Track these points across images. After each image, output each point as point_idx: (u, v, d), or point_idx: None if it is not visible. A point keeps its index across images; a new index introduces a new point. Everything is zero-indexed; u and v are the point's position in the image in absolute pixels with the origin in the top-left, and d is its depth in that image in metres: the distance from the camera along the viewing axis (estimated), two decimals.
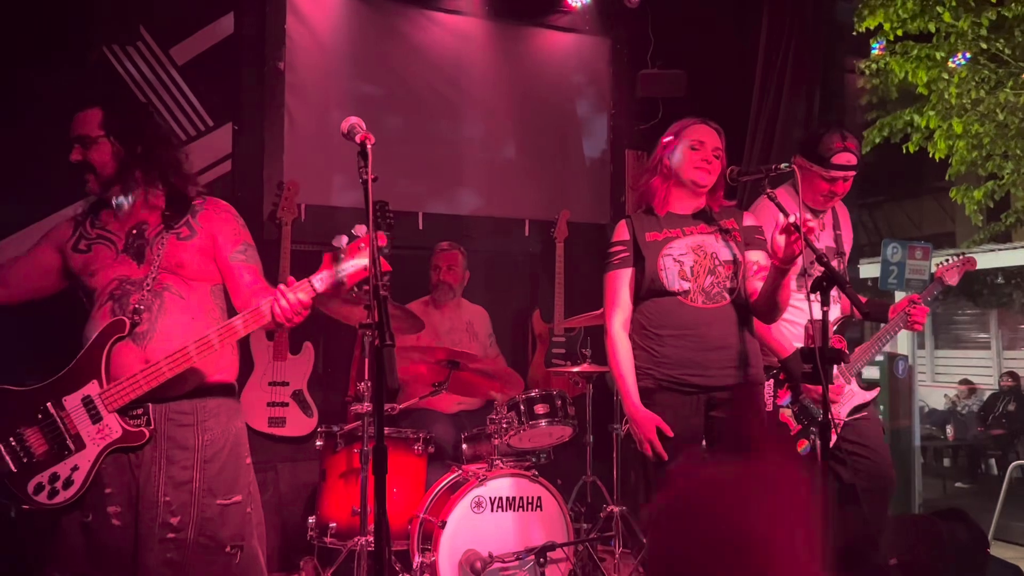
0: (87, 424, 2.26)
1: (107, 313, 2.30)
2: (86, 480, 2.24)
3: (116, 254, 2.36)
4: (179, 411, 2.33)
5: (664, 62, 5.20)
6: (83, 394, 2.27)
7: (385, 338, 1.74)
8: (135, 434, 2.28)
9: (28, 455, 2.23)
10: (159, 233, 2.37)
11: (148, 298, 2.31)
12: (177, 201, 2.41)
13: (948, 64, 5.87)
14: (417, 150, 4.79)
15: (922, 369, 11.06)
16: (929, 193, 11.56)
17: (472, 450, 3.75)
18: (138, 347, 2.29)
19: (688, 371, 2.66)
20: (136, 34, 4.11)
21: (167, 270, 2.35)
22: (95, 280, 2.34)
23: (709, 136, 2.75)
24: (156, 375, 2.23)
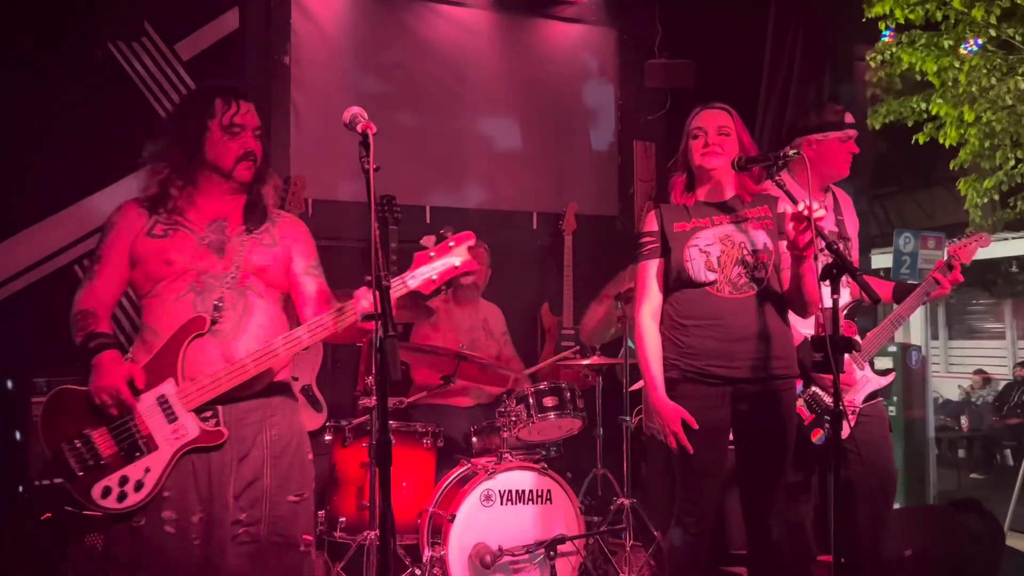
0: (161, 424, 2.17)
1: (188, 306, 2.21)
2: (158, 483, 2.15)
3: (196, 244, 2.28)
4: (247, 409, 2.26)
5: (671, 52, 5.17)
6: (158, 393, 2.18)
7: (388, 329, 1.73)
8: (212, 434, 2.20)
9: (95, 458, 2.13)
10: (241, 234, 2.32)
11: (232, 296, 2.25)
12: (257, 207, 2.36)
13: (960, 51, 5.81)
14: (424, 143, 4.78)
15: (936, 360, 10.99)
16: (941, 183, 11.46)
17: (481, 443, 3.74)
18: (220, 345, 2.21)
19: (713, 362, 2.62)
20: (141, 30, 4.12)
21: (249, 272, 2.29)
22: (171, 268, 2.24)
23: (710, 119, 2.70)
24: (240, 373, 2.17)
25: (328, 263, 2.49)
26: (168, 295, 2.23)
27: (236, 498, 2.20)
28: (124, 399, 2.12)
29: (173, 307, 2.22)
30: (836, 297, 2.35)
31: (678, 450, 2.61)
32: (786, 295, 2.65)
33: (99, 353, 2.16)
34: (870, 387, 3.04)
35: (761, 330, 2.62)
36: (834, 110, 3.06)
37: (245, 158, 2.29)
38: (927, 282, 3.05)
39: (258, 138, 2.33)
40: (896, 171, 10.44)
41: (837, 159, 3.04)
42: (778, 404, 2.65)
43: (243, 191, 2.36)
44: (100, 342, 2.19)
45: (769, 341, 2.62)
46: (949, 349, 11.65)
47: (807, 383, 2.98)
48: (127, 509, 2.14)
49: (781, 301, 2.68)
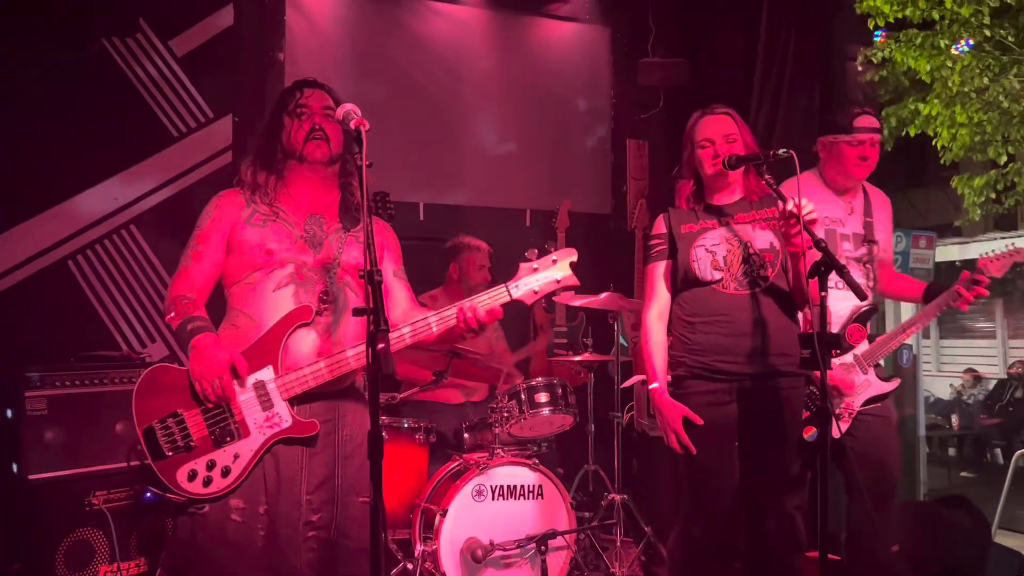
0: (256, 411, 2.16)
1: (289, 296, 2.21)
2: (245, 471, 2.13)
3: (295, 237, 2.29)
4: (323, 407, 2.24)
5: (665, 51, 5.18)
6: (257, 378, 2.17)
7: (379, 324, 1.74)
8: (306, 425, 2.18)
9: (185, 439, 2.13)
10: (338, 231, 2.33)
11: (333, 291, 2.26)
12: (351, 209, 2.37)
13: (951, 51, 5.83)
14: (418, 140, 4.79)
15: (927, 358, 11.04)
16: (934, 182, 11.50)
17: (473, 439, 3.76)
18: (317, 337, 2.21)
19: (718, 357, 2.64)
20: (136, 26, 4.12)
21: (346, 269, 2.31)
22: (272, 258, 2.25)
23: (716, 126, 2.72)
24: (341, 366, 2.17)
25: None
26: (266, 284, 2.23)
27: (309, 496, 2.18)
28: (227, 388, 2.12)
29: (272, 296, 2.21)
30: (824, 295, 2.37)
31: (680, 450, 2.62)
32: (792, 291, 2.68)
33: (197, 336, 2.16)
34: (871, 391, 3.00)
35: (765, 327, 2.64)
36: (848, 113, 3.01)
37: (311, 136, 2.29)
38: (949, 293, 2.96)
39: (328, 117, 2.31)
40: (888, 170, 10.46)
41: (846, 162, 3.02)
42: (781, 400, 2.67)
43: (334, 185, 2.37)
44: (197, 325, 2.19)
45: (774, 337, 2.65)
46: (940, 348, 11.71)
47: (807, 382, 2.97)
48: (211, 495, 2.12)
49: (787, 299, 2.70)
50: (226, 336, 2.24)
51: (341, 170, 2.40)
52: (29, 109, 3.87)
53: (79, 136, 3.95)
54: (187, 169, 4.19)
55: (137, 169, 4.13)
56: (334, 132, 2.33)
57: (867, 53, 5.91)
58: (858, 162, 3.01)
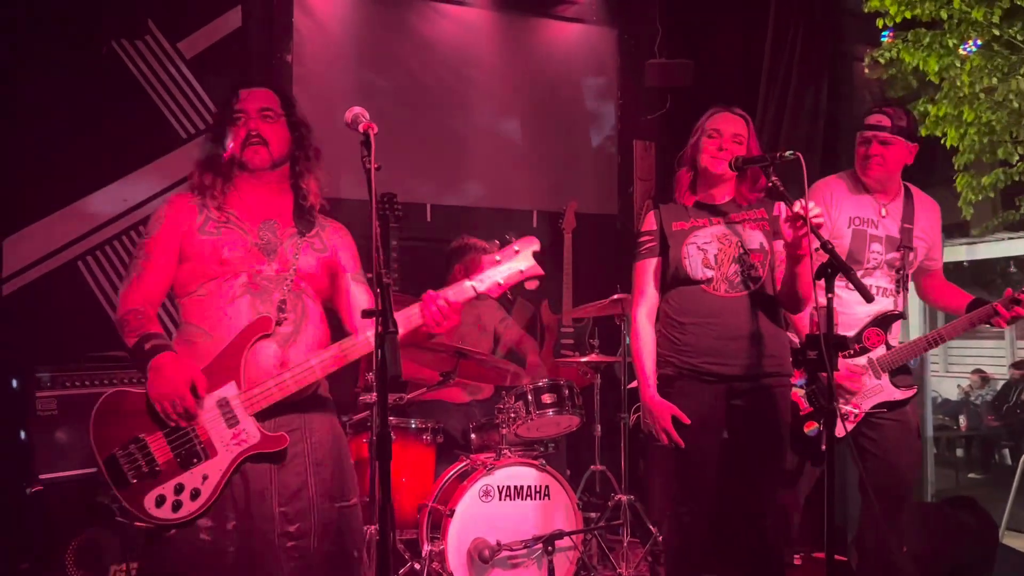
0: (221, 429, 2.08)
1: (246, 307, 2.13)
2: (215, 491, 2.06)
3: (249, 245, 2.21)
4: (288, 417, 2.17)
5: (671, 52, 5.19)
6: (219, 396, 2.09)
7: (388, 326, 1.75)
8: (274, 439, 2.11)
9: (150, 464, 2.04)
10: (292, 236, 2.26)
11: (291, 299, 2.19)
12: (305, 213, 2.31)
13: (959, 51, 5.80)
14: (425, 142, 4.80)
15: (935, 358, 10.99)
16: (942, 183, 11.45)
17: (480, 439, 3.77)
18: (278, 348, 2.14)
19: (708, 359, 2.67)
20: (145, 28, 4.15)
21: (302, 276, 2.24)
22: (226, 267, 2.16)
23: (728, 123, 2.73)
24: (307, 375, 2.11)
25: None
26: (220, 295, 2.15)
27: (283, 509, 2.12)
28: (189, 408, 2.04)
29: (228, 309, 2.14)
30: (831, 296, 2.37)
31: (671, 446, 2.65)
32: (779, 293, 2.69)
33: (156, 355, 2.06)
34: (882, 396, 2.98)
35: (755, 329, 2.66)
36: (882, 113, 2.99)
37: (248, 142, 2.22)
38: (985, 310, 2.93)
39: (267, 119, 2.25)
40: None
41: (857, 160, 3.04)
42: (771, 402, 2.69)
43: (285, 188, 2.31)
44: (155, 344, 2.09)
45: (762, 340, 2.68)
46: (948, 348, 11.65)
47: (812, 378, 2.97)
48: (182, 519, 2.04)
49: (773, 301, 2.72)
50: (182, 353, 2.14)
51: (291, 172, 2.32)
52: (40, 111, 3.90)
53: (89, 138, 3.98)
54: None
55: (146, 170, 4.15)
56: (275, 134, 2.25)
57: (874, 54, 5.89)
58: (863, 160, 3.02)
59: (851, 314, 2.95)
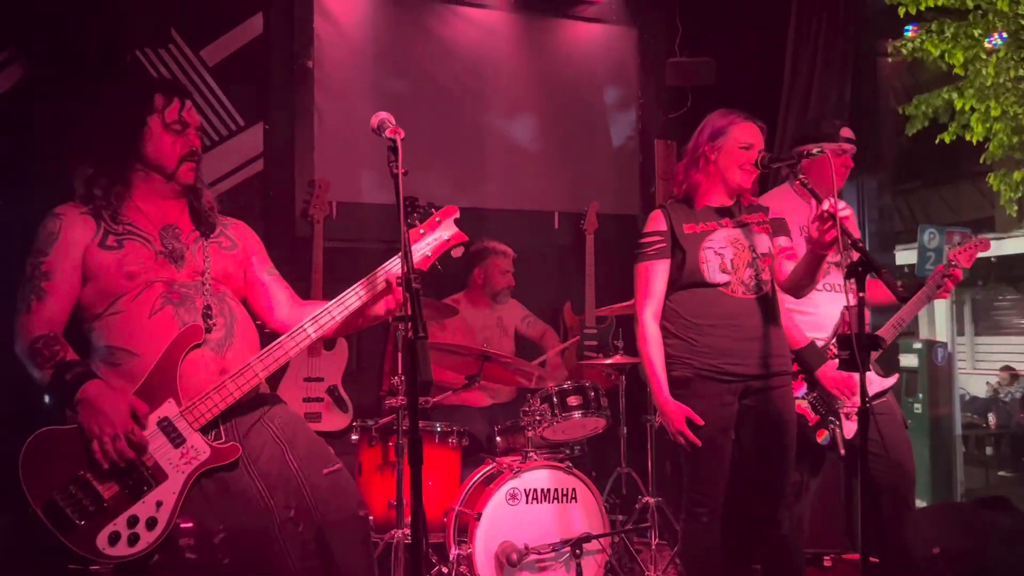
0: (167, 450, 1.97)
1: (168, 319, 2.04)
2: (172, 515, 1.95)
3: (155, 254, 2.11)
4: (246, 417, 2.14)
5: (692, 50, 5.16)
6: (159, 416, 1.99)
7: (418, 331, 1.75)
8: (226, 451, 2.03)
9: (95, 502, 1.90)
10: (197, 239, 2.19)
11: (216, 304, 2.12)
12: (204, 215, 2.24)
13: (985, 44, 5.73)
14: (446, 145, 4.80)
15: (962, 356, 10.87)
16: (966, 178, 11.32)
17: (506, 443, 3.76)
18: (216, 355, 2.07)
19: (728, 360, 2.68)
20: (168, 37, 4.18)
21: (218, 280, 2.18)
22: (134, 281, 2.05)
23: (756, 136, 2.75)
24: (250, 379, 2.04)
25: (352, 264, 2.51)
26: (137, 310, 2.04)
27: (273, 500, 2.06)
28: (138, 441, 1.92)
29: (150, 323, 2.03)
30: (862, 295, 2.35)
31: (688, 447, 2.66)
32: (786, 282, 2.73)
33: (81, 386, 1.92)
34: (873, 388, 3.04)
35: (765, 330, 2.73)
36: (831, 124, 3.16)
37: (189, 158, 2.16)
38: (928, 287, 3.13)
39: (200, 137, 2.22)
40: (920, 166, 10.32)
41: (827, 170, 3.06)
42: (781, 399, 2.74)
43: (184, 194, 2.22)
44: (77, 372, 1.94)
45: (771, 340, 2.74)
46: (976, 345, 11.52)
47: (812, 385, 3.01)
48: (142, 552, 1.92)
49: (776, 303, 2.79)
50: (107, 378, 1.99)
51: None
52: (64, 121, 3.93)
53: None
54: (219, 177, 4.24)
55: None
56: (199, 146, 2.23)
57: (897, 45, 5.82)
58: (841, 170, 3.10)
59: (822, 315, 3.05)
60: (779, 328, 2.79)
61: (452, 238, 2.23)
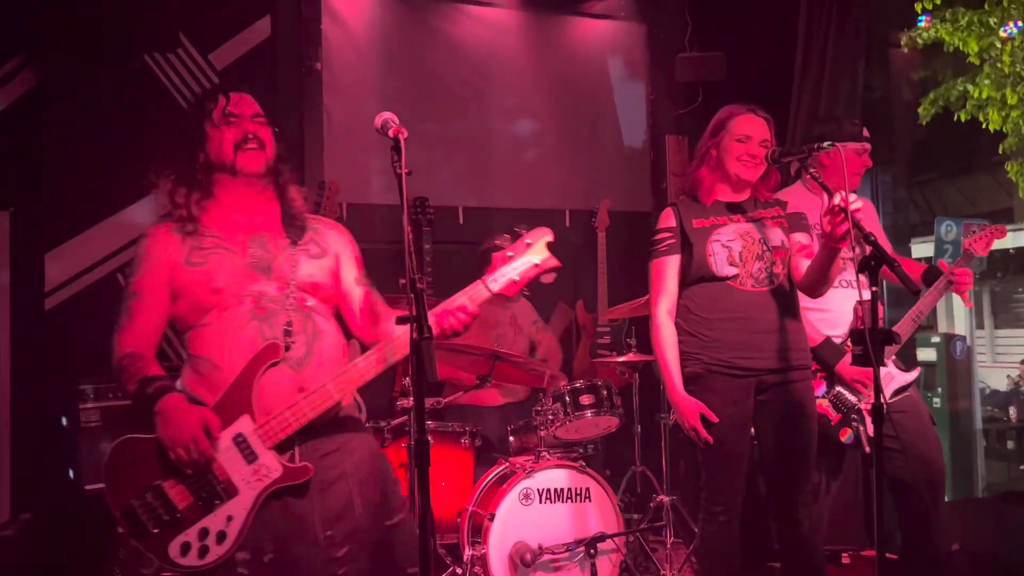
0: (240, 466, 1.99)
1: (253, 334, 2.03)
2: (242, 531, 1.98)
3: (242, 266, 2.09)
4: (323, 441, 2.09)
5: (702, 45, 5.13)
6: (234, 432, 2.00)
7: (423, 331, 1.74)
8: (297, 471, 2.01)
9: (170, 512, 1.95)
10: (286, 248, 2.14)
11: (299, 319, 2.08)
12: (295, 220, 2.19)
13: (1000, 33, 5.66)
14: (455, 145, 4.80)
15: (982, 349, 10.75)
16: (983, 168, 11.19)
17: (519, 442, 3.75)
18: (292, 373, 2.04)
19: (739, 354, 2.66)
20: (176, 41, 4.19)
21: (305, 289, 2.12)
22: (221, 296, 2.05)
23: (757, 127, 2.71)
24: (324, 400, 2.02)
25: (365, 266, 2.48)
26: (225, 324, 2.05)
27: (328, 533, 2.03)
28: (205, 451, 1.95)
29: (234, 337, 2.03)
30: (875, 289, 2.32)
31: (701, 443, 2.65)
32: (802, 280, 2.70)
33: (160, 399, 1.98)
34: (894, 384, 3.03)
35: (780, 323, 2.69)
36: (852, 123, 3.14)
37: (244, 142, 2.11)
38: (944, 278, 3.08)
39: (261, 124, 2.16)
40: (936, 157, 10.21)
41: (850, 170, 3.05)
42: (800, 393, 2.70)
43: (270, 195, 2.18)
44: (158, 386, 2.00)
45: (787, 333, 2.70)
46: (995, 338, 11.38)
47: (831, 383, 2.98)
48: (210, 564, 1.96)
49: (794, 296, 2.75)
50: (191, 384, 2.06)
51: (276, 181, 2.20)
52: (76, 127, 3.96)
53: (124, 151, 4.02)
54: None
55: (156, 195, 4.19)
56: (268, 138, 2.16)
57: (911, 34, 5.75)
58: (860, 170, 3.11)
59: (837, 312, 3.01)
60: (797, 322, 2.75)
61: (543, 263, 2.09)
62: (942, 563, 3.11)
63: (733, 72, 5.00)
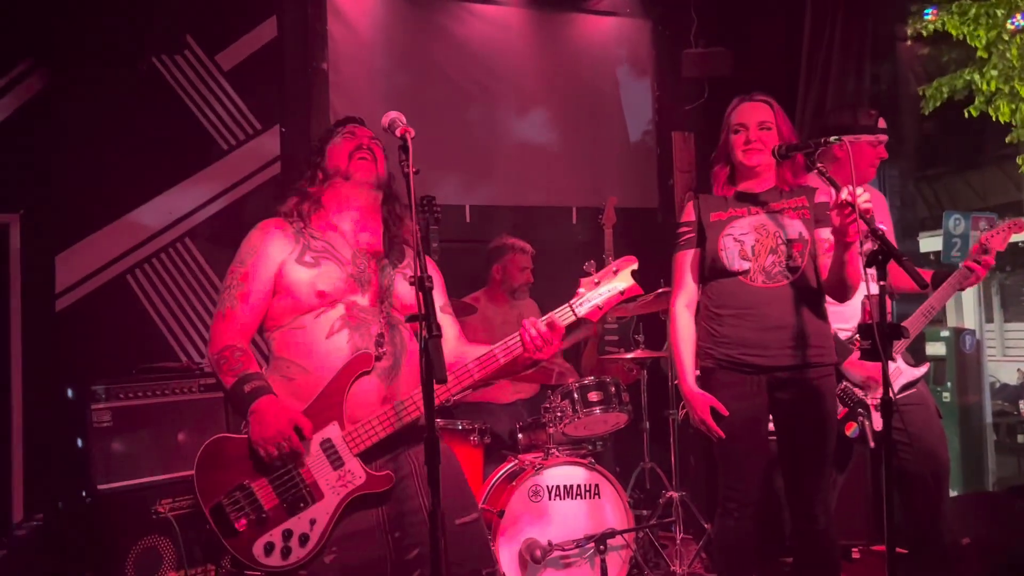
0: (327, 471, 2.04)
1: (343, 342, 2.09)
2: (324, 534, 2.02)
3: (344, 275, 2.16)
4: (397, 454, 2.12)
5: (707, 41, 5.12)
6: (322, 437, 2.05)
7: (431, 330, 1.74)
8: (380, 479, 2.06)
9: (256, 511, 2.01)
10: (386, 267, 2.22)
11: (388, 331, 2.14)
12: (396, 244, 2.28)
13: (1008, 26, 5.63)
14: (462, 142, 4.81)
15: (991, 343, 10.70)
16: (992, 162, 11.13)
17: (528, 439, 3.76)
18: (382, 384, 2.09)
19: (747, 351, 2.64)
20: (183, 43, 4.21)
21: (397, 308, 2.20)
22: (324, 299, 2.11)
23: (751, 113, 2.70)
24: (412, 411, 2.05)
25: None
26: (316, 329, 2.10)
27: (396, 535, 2.07)
28: (295, 447, 2.00)
29: (326, 344, 2.08)
30: (883, 284, 2.31)
31: (714, 437, 2.64)
32: (826, 281, 2.64)
33: (256, 399, 2.02)
34: (903, 379, 3.01)
35: (796, 319, 2.63)
36: (868, 114, 3.08)
37: (357, 152, 2.23)
38: (960, 272, 3.03)
39: (375, 143, 2.28)
40: (944, 151, 10.16)
41: (865, 162, 3.06)
42: (817, 391, 2.66)
43: (378, 218, 2.27)
44: (256, 386, 2.04)
45: (805, 329, 2.64)
46: (1005, 332, 11.33)
47: (838, 378, 2.97)
48: (292, 566, 2.00)
49: (816, 291, 2.68)
50: (279, 389, 2.10)
51: (384, 203, 2.30)
52: (85, 129, 3.98)
53: (132, 153, 4.05)
54: (237, 181, 4.27)
55: (190, 182, 4.22)
56: (380, 155, 2.27)
57: (917, 27, 5.73)
58: (876, 162, 3.07)
59: (846, 305, 2.91)
60: (817, 317, 2.67)
61: (627, 291, 2.15)
62: (949, 556, 3.10)
63: (739, 68, 4.99)
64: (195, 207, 4.21)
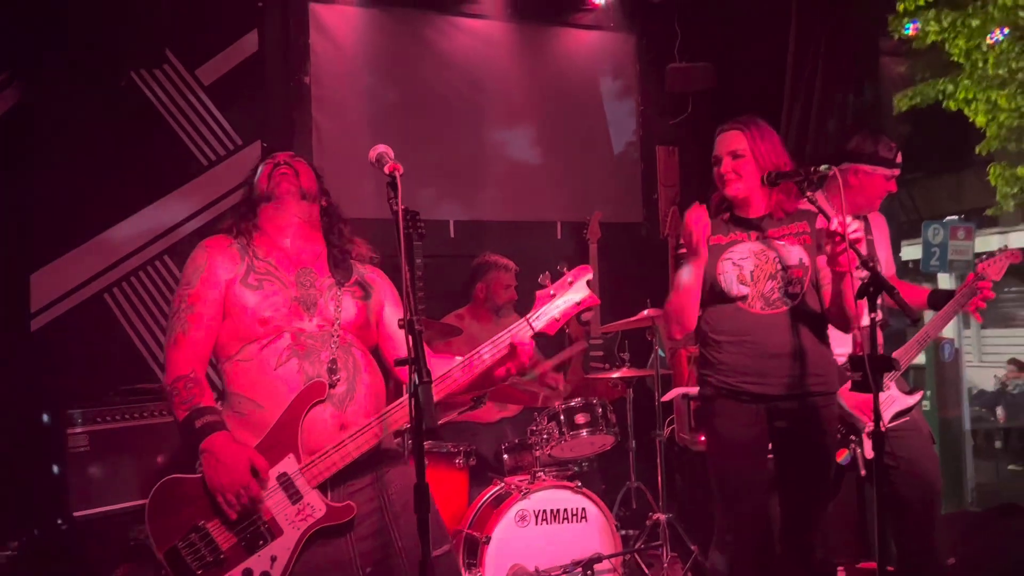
0: (284, 506, 1.98)
1: (293, 372, 2.02)
2: (286, 570, 1.96)
3: (289, 299, 2.09)
4: (360, 481, 2.07)
5: (691, 55, 5.12)
6: (279, 471, 1.98)
7: (422, 375, 1.70)
8: (340, 510, 2.00)
9: (214, 553, 1.95)
10: (331, 287, 2.15)
11: (342, 357, 2.07)
12: (341, 262, 2.22)
13: (986, 40, 5.69)
14: (446, 157, 4.76)
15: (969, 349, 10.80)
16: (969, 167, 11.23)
17: (513, 461, 3.73)
18: (337, 411, 2.03)
19: (744, 378, 2.60)
20: (162, 57, 4.14)
21: (347, 330, 2.13)
22: (266, 327, 2.05)
23: (723, 144, 2.67)
24: (370, 439, 2.00)
25: None
26: (265, 361, 2.04)
27: (369, 570, 2.02)
28: (255, 496, 1.94)
29: (275, 375, 2.02)
30: (873, 316, 2.30)
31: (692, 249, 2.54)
32: (828, 311, 2.62)
33: (208, 436, 1.96)
34: (896, 407, 3.00)
35: (795, 346, 2.58)
36: (889, 146, 3.07)
37: (276, 168, 2.19)
38: (956, 301, 3.06)
39: (296, 159, 2.24)
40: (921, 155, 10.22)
41: (875, 193, 3.08)
42: (817, 421, 2.62)
43: (317, 236, 2.23)
44: (207, 421, 1.98)
45: (805, 357, 2.59)
46: (982, 338, 11.45)
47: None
48: None
49: (818, 317, 2.64)
50: (233, 426, 2.03)
51: (323, 217, 2.26)
52: (62, 145, 3.90)
53: (110, 168, 3.97)
54: (218, 197, 4.19)
55: (169, 199, 4.14)
56: (303, 169, 2.22)
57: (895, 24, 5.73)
58: (884, 195, 3.10)
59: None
60: (819, 344, 2.62)
61: (584, 301, 2.08)
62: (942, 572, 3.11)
63: (723, 82, 4.99)
64: (174, 224, 4.13)
